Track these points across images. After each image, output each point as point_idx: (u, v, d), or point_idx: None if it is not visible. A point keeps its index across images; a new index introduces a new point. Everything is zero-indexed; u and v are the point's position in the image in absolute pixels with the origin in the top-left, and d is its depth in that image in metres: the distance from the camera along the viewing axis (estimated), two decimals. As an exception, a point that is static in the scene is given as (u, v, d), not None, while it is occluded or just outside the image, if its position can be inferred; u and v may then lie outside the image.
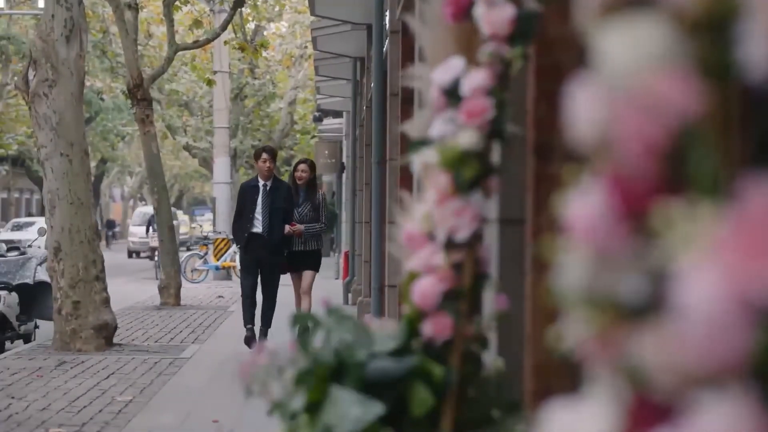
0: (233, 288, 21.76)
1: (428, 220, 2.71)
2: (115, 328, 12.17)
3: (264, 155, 11.82)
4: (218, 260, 25.02)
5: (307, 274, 12.08)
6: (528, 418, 2.70)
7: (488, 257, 2.80)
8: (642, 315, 0.93)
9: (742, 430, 0.85)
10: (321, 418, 2.54)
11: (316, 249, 12.26)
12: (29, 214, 54.96)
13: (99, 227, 13.26)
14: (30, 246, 16.12)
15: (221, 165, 27.12)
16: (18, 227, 39.09)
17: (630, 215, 0.95)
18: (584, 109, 0.97)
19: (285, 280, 12.04)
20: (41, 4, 22.33)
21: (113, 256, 33.59)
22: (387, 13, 11.34)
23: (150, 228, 28.57)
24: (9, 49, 36.26)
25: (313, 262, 12.21)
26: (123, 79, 24.96)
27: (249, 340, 11.35)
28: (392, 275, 9.88)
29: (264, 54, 28.96)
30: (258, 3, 27.37)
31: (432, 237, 2.72)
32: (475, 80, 2.70)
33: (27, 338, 13.35)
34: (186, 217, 48.72)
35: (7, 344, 12.87)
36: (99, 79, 37.74)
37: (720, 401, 0.87)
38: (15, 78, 27.30)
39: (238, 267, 15.92)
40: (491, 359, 2.81)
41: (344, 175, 27.71)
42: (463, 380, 2.66)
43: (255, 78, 34.83)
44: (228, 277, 24.92)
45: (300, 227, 11.90)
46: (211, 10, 25.99)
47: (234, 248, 22.55)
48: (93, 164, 46.17)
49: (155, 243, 21.73)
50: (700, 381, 0.88)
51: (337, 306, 2.79)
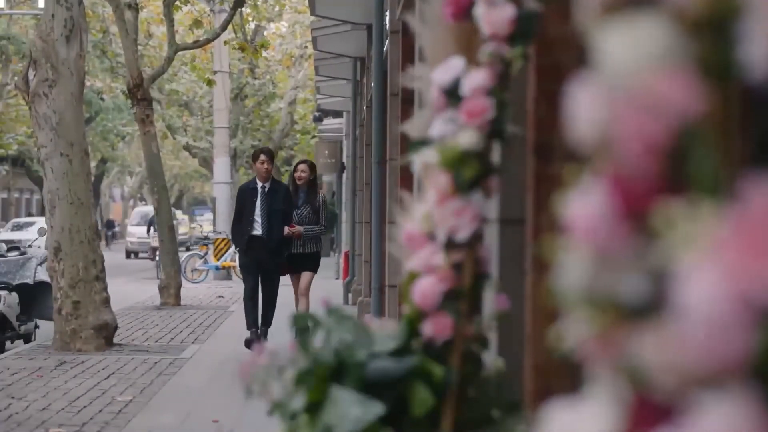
0: (233, 288, 21.78)
1: (428, 220, 2.71)
2: (115, 328, 12.17)
3: (262, 157, 11.75)
4: (218, 260, 25.03)
5: (306, 275, 12.04)
6: (528, 418, 2.70)
7: (488, 257, 2.80)
8: (643, 315, 0.93)
9: (743, 431, 0.85)
10: (321, 418, 2.54)
11: (316, 251, 12.21)
12: (29, 214, 54.96)
13: (99, 227, 13.23)
14: (30, 246, 16.12)
15: (221, 165, 27.12)
16: (18, 227, 39.10)
17: (630, 215, 0.95)
18: (585, 109, 0.97)
19: (285, 280, 12.04)
20: (41, 4, 22.33)
21: (113, 256, 33.59)
22: (387, 13, 11.34)
23: (151, 228, 28.57)
24: (9, 49, 36.27)
25: (312, 264, 12.18)
26: (123, 79, 24.96)
27: (250, 343, 11.25)
28: (392, 275, 9.88)
29: (264, 54, 28.96)
30: (258, 3, 27.37)
31: (432, 237, 2.72)
32: (476, 80, 2.70)
33: (27, 338, 13.35)
34: (185, 217, 48.59)
35: (8, 344, 12.86)
36: (99, 79, 37.76)
37: (721, 401, 0.86)
38: (15, 78, 27.31)
39: (238, 267, 15.91)
40: (491, 359, 2.80)
41: (344, 175, 27.71)
42: (464, 380, 2.66)
43: (255, 78, 34.83)
44: (228, 277, 24.93)
45: (299, 229, 11.85)
46: (211, 10, 25.99)
47: (234, 248, 22.55)
48: (93, 164, 46.17)
49: (156, 243, 21.73)
50: (701, 381, 0.88)
51: (337, 306, 2.79)
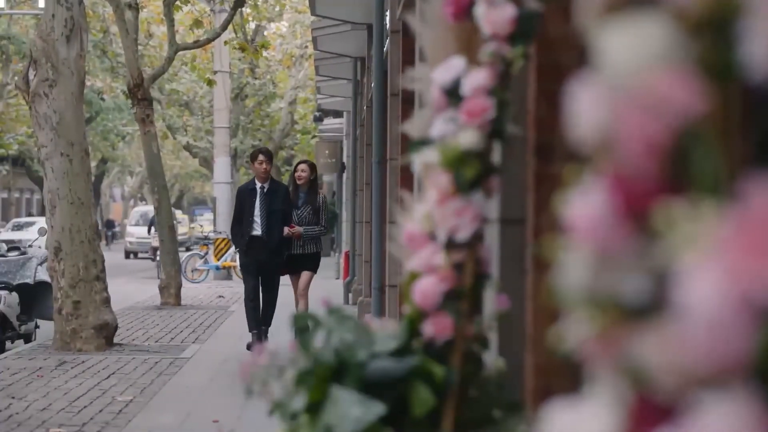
0: (234, 288, 21.78)
1: (429, 220, 2.71)
2: (116, 328, 12.16)
3: (260, 157, 11.70)
4: (219, 260, 25.04)
5: (305, 275, 11.98)
6: (529, 418, 2.70)
7: (489, 257, 2.80)
8: (644, 315, 0.92)
9: (744, 431, 0.85)
10: (321, 419, 2.54)
11: (315, 252, 12.15)
12: (29, 214, 54.97)
13: (99, 227, 13.23)
14: (30, 246, 16.12)
15: (222, 165, 27.12)
16: (18, 227, 39.10)
17: (631, 215, 0.95)
18: (585, 109, 0.97)
19: (285, 280, 12.02)
20: (42, 4, 22.32)
21: (113, 256, 33.58)
22: (387, 13, 11.34)
23: (152, 228, 28.56)
24: (9, 49, 36.28)
25: (312, 264, 12.13)
26: (123, 79, 24.97)
27: (251, 346, 11.19)
28: (393, 275, 9.89)
29: (264, 54, 28.97)
30: (258, 3, 27.37)
31: (433, 237, 2.72)
32: (476, 80, 2.69)
33: (27, 338, 13.34)
34: (185, 217, 48.46)
35: (8, 344, 12.86)
36: (99, 79, 37.78)
37: (722, 401, 0.86)
38: (15, 78, 27.30)
39: (239, 267, 15.89)
40: (492, 359, 2.80)
41: (345, 175, 27.72)
42: (464, 380, 2.66)
43: (255, 78, 34.84)
44: (228, 277, 24.94)
45: (299, 229, 11.79)
46: (212, 10, 25.98)
47: (234, 249, 22.54)
48: (93, 164, 46.16)
49: (157, 243, 21.74)
50: (702, 381, 0.88)
51: (338, 306, 2.79)
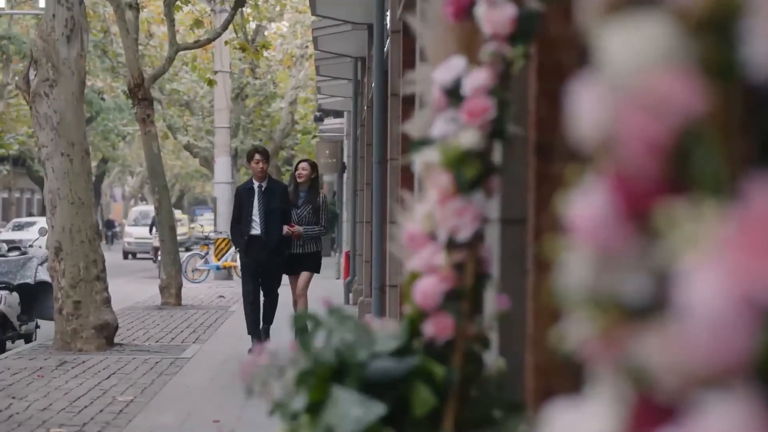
0: (234, 288, 21.77)
1: (429, 220, 2.71)
2: (116, 328, 12.16)
3: (257, 156, 11.65)
4: (219, 260, 25.04)
5: (304, 275, 11.90)
6: (530, 419, 2.69)
7: (489, 257, 2.80)
8: (645, 315, 0.92)
9: (746, 431, 0.85)
10: (322, 419, 2.54)
11: (315, 251, 12.06)
12: (30, 214, 54.97)
13: (99, 227, 13.21)
14: (31, 246, 16.12)
15: (222, 165, 27.12)
16: (19, 227, 39.10)
17: (633, 215, 0.94)
18: (586, 109, 0.97)
19: (284, 280, 11.98)
20: (42, 4, 22.32)
21: (112, 256, 33.57)
22: (388, 13, 11.34)
23: (154, 228, 28.56)
24: (10, 49, 36.30)
25: (312, 264, 12.08)
26: (124, 79, 24.96)
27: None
28: (393, 275, 9.88)
29: (265, 54, 28.96)
30: (259, 3, 27.37)
31: (433, 237, 2.72)
32: (477, 80, 2.69)
33: (28, 338, 13.35)
34: (185, 217, 48.35)
35: (8, 344, 12.86)
36: (100, 79, 37.79)
37: (723, 402, 0.86)
38: (16, 78, 27.31)
39: (239, 267, 15.85)
40: (493, 359, 2.80)
41: (345, 175, 27.72)
42: (465, 380, 2.66)
43: (256, 78, 34.84)
44: (229, 277, 24.94)
45: (298, 229, 11.71)
46: (212, 10, 25.98)
47: (234, 249, 22.53)
48: (94, 164, 46.18)
49: (159, 243, 21.75)
50: (704, 381, 0.87)
51: (338, 306, 2.79)
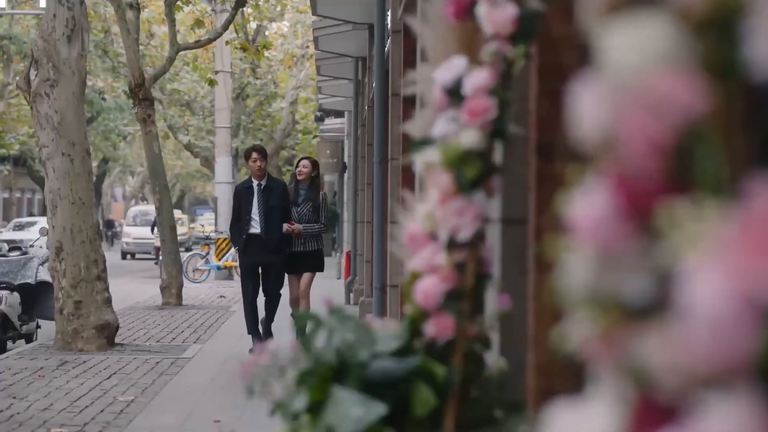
0: (235, 288, 21.76)
1: (430, 220, 2.71)
2: (117, 328, 12.16)
3: (254, 155, 11.61)
4: (220, 260, 25.05)
5: (306, 276, 11.84)
6: (531, 419, 2.69)
7: (490, 257, 2.80)
8: (646, 315, 0.92)
9: (747, 431, 0.85)
10: (323, 419, 2.53)
11: (317, 249, 11.97)
12: (31, 214, 54.96)
13: (100, 227, 13.20)
14: (32, 246, 16.12)
15: (223, 165, 27.13)
16: (20, 227, 39.10)
17: (634, 215, 0.94)
18: (587, 109, 0.96)
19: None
20: (43, 4, 22.32)
21: (113, 257, 33.57)
22: (389, 13, 11.33)
23: (155, 228, 28.55)
24: (11, 49, 36.30)
25: (314, 264, 11.99)
26: (124, 79, 24.97)
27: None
28: (394, 275, 9.88)
29: (266, 54, 28.97)
30: (260, 3, 27.37)
31: (434, 237, 2.71)
32: (478, 79, 2.69)
33: (29, 338, 13.35)
34: (185, 217, 48.21)
35: (9, 344, 12.87)
36: (100, 79, 37.79)
37: (725, 402, 0.86)
38: (17, 78, 27.30)
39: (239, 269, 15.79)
40: (493, 359, 2.80)
41: (346, 175, 27.72)
42: (466, 380, 2.66)
43: (257, 78, 34.85)
44: (230, 277, 24.94)
45: (298, 227, 11.62)
46: (213, 10, 25.99)
47: (235, 249, 22.52)
48: (95, 164, 46.15)
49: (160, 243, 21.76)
50: (705, 381, 0.87)
51: (339, 306, 2.79)
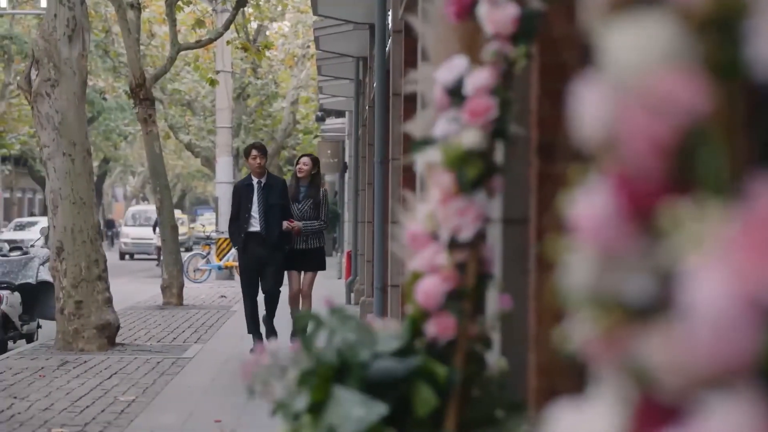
0: (236, 288, 21.74)
1: (431, 220, 2.71)
2: (118, 328, 12.16)
3: (254, 152, 11.54)
4: (221, 260, 25.06)
5: (308, 276, 11.82)
6: (532, 419, 2.69)
7: (491, 257, 2.80)
8: (648, 315, 0.92)
9: (749, 431, 0.85)
10: (324, 419, 2.53)
11: (319, 247, 11.94)
12: (32, 214, 54.98)
13: (101, 227, 13.20)
14: (32, 246, 16.12)
15: (224, 165, 27.13)
16: (21, 227, 39.10)
17: (636, 215, 0.94)
18: (589, 108, 0.96)
19: (284, 280, 11.82)
20: (44, 4, 22.32)
21: (113, 257, 33.57)
22: (389, 13, 11.33)
23: (156, 228, 28.55)
24: (11, 49, 36.31)
25: (315, 262, 11.95)
26: (125, 79, 24.97)
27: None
28: (395, 275, 9.87)
29: (266, 53, 28.97)
30: (260, 2, 27.37)
31: (435, 236, 2.71)
32: (479, 79, 2.69)
33: (29, 338, 13.35)
34: (185, 217, 48.07)
35: (10, 344, 12.87)
36: (101, 79, 37.79)
37: (727, 402, 0.86)
38: (17, 78, 27.31)
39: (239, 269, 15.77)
40: (495, 359, 2.80)
41: (347, 175, 27.73)
42: (467, 380, 2.65)
43: (257, 78, 34.86)
44: (231, 277, 24.95)
45: (298, 224, 11.57)
46: (214, 10, 25.98)
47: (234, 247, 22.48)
48: (95, 164, 46.19)
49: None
50: (707, 381, 0.87)
51: (340, 306, 2.79)
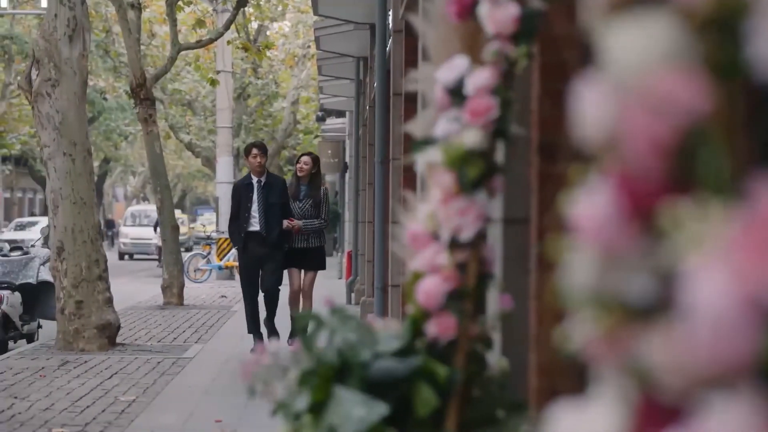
0: (236, 288, 21.72)
1: (432, 220, 2.71)
2: (118, 328, 12.16)
3: (254, 151, 11.48)
4: (221, 260, 25.06)
5: (308, 276, 11.79)
6: (533, 419, 2.69)
7: (492, 257, 2.80)
8: (649, 315, 0.92)
9: (750, 431, 0.85)
10: (325, 419, 2.53)
11: (319, 246, 11.92)
12: (32, 214, 54.99)
13: (101, 227, 13.21)
14: (33, 246, 16.13)
15: (224, 165, 27.14)
16: (21, 227, 39.10)
17: (637, 215, 0.94)
18: (590, 108, 0.96)
19: (284, 280, 11.80)
20: (44, 4, 22.32)
21: (113, 257, 33.55)
22: (390, 13, 11.33)
23: (158, 228, 28.55)
24: (12, 49, 36.31)
25: (315, 262, 11.93)
26: (126, 79, 24.98)
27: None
28: (395, 275, 9.87)
29: (267, 53, 28.98)
30: (261, 2, 27.37)
31: (436, 236, 2.71)
32: (480, 79, 2.69)
33: (30, 338, 13.35)
34: (185, 217, 47.96)
35: (11, 344, 12.87)
36: (102, 79, 37.80)
37: (728, 402, 0.86)
38: (18, 77, 27.31)
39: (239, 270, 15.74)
40: (495, 359, 2.80)
41: (347, 175, 27.73)
42: (468, 380, 2.65)
43: (258, 77, 34.86)
44: (231, 277, 24.95)
45: (298, 223, 11.53)
46: (214, 10, 25.98)
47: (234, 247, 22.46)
48: (96, 164, 46.11)
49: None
50: (708, 382, 0.87)
51: (341, 306, 2.79)
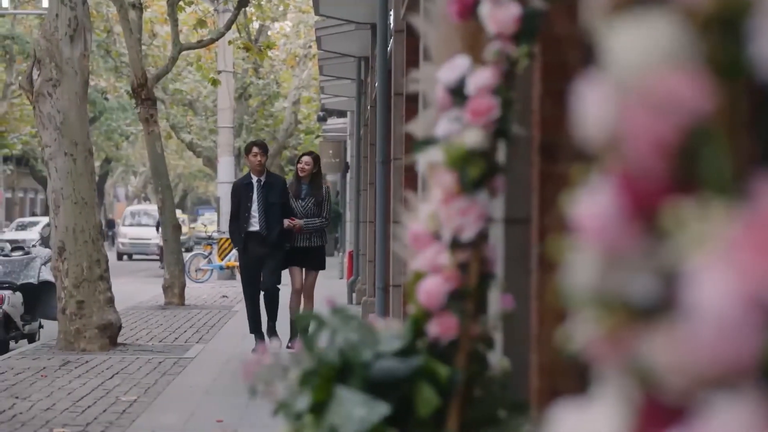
0: (237, 288, 21.73)
1: (434, 220, 2.71)
2: (120, 328, 12.17)
3: (254, 149, 11.44)
4: (222, 260, 25.07)
5: (309, 277, 11.77)
6: (534, 419, 2.69)
7: (494, 257, 2.80)
8: (652, 315, 0.92)
9: (753, 432, 0.85)
10: (326, 419, 2.53)
11: (320, 245, 11.89)
12: (33, 214, 55.02)
13: (102, 227, 13.21)
14: (34, 246, 16.13)
15: (225, 164, 27.15)
16: (22, 227, 39.11)
17: (639, 214, 0.94)
18: (592, 108, 0.96)
19: (285, 280, 11.80)
20: (45, 4, 22.34)
21: (112, 257, 33.54)
22: (391, 13, 11.34)
23: (159, 228, 28.55)
24: (13, 49, 36.35)
25: (317, 261, 11.90)
26: (127, 79, 25.01)
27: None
28: (397, 275, 9.87)
29: (268, 53, 28.98)
30: (262, 2, 27.38)
31: (437, 236, 2.71)
32: (481, 79, 2.69)
33: (31, 338, 13.36)
34: (185, 217, 47.90)
35: (12, 344, 12.87)
36: (103, 79, 37.82)
37: (731, 402, 0.86)
38: (19, 77, 27.32)
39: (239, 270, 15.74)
40: (497, 359, 2.80)
41: (348, 175, 27.74)
42: (469, 380, 2.65)
43: (259, 77, 34.88)
44: (232, 277, 24.95)
45: (299, 222, 11.51)
46: (215, 10, 25.99)
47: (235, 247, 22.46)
48: (97, 164, 46.11)
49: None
50: (711, 382, 0.87)
51: (342, 306, 2.78)
